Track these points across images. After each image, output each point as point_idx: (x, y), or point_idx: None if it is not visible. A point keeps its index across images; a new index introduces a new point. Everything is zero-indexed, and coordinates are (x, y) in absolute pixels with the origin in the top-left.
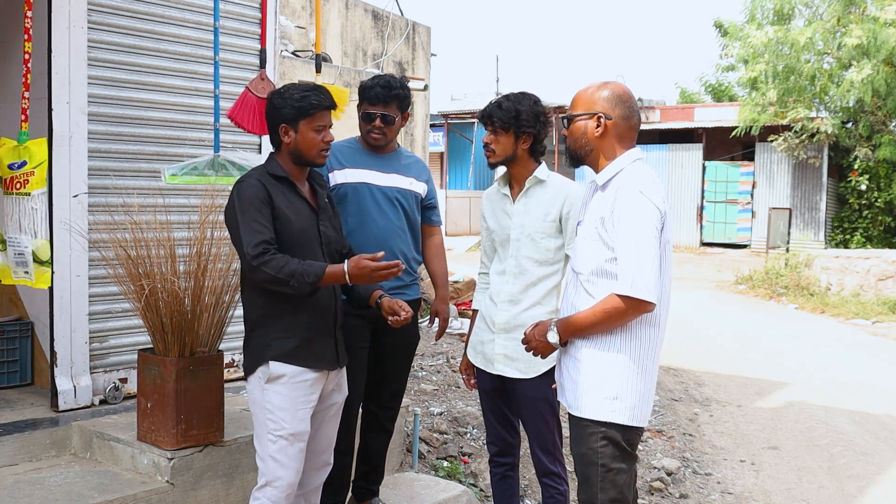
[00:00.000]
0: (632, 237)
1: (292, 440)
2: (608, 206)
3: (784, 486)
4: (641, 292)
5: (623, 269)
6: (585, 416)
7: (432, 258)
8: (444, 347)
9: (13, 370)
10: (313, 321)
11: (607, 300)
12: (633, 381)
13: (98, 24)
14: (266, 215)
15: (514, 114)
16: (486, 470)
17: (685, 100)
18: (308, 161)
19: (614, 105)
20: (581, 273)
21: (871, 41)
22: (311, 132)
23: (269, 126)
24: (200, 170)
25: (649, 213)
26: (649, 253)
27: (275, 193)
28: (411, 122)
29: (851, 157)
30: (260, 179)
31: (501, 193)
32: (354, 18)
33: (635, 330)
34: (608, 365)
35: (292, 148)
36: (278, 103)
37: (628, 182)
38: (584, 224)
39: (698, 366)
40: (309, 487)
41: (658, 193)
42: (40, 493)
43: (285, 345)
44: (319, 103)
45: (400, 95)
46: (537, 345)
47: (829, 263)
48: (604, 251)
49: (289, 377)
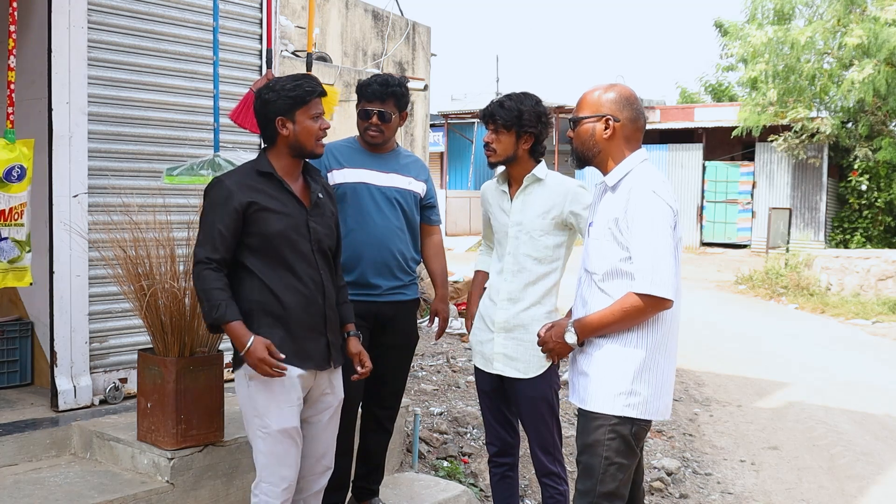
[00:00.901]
0: (648, 236)
1: (280, 437)
2: (621, 206)
3: (784, 486)
4: (660, 290)
5: (640, 268)
6: (597, 410)
7: (432, 258)
8: (444, 347)
9: (13, 370)
10: (301, 320)
11: (625, 299)
12: (647, 376)
13: (98, 24)
14: (226, 222)
15: (516, 113)
16: (486, 470)
17: (685, 100)
18: (308, 152)
19: (622, 107)
20: (595, 273)
21: (872, 41)
22: (308, 121)
23: (262, 122)
24: (196, 170)
25: (663, 212)
26: (665, 251)
27: (256, 193)
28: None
29: (851, 157)
30: (236, 181)
31: (500, 190)
32: (354, 18)
33: (651, 326)
34: (623, 360)
35: (291, 141)
36: (271, 97)
37: (640, 183)
38: (595, 225)
39: (698, 366)
40: (310, 492)
41: (669, 193)
42: (40, 493)
43: (270, 340)
44: (313, 90)
45: (397, 93)
46: (554, 346)
47: (829, 263)
48: (618, 251)
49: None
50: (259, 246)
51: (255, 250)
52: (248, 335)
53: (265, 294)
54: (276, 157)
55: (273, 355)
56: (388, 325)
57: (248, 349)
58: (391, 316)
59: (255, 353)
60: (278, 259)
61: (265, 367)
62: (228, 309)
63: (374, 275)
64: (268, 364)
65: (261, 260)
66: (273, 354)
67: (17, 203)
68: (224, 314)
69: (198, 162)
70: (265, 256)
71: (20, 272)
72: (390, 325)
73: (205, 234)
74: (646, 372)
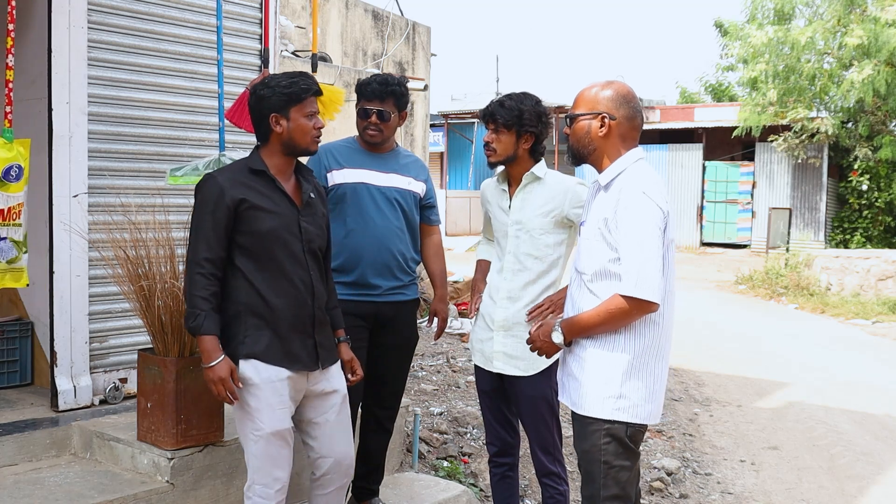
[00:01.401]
0: (635, 238)
1: (272, 439)
2: (611, 206)
3: (784, 486)
4: (645, 293)
5: (627, 270)
6: (589, 415)
7: (431, 258)
8: (444, 347)
9: (13, 370)
10: (289, 321)
11: (611, 301)
12: (636, 380)
13: (98, 24)
14: (219, 219)
15: (517, 113)
16: (486, 470)
17: (685, 100)
18: (302, 150)
19: (618, 105)
20: (584, 273)
21: (872, 41)
22: (302, 119)
23: (256, 119)
24: (202, 170)
25: (652, 213)
26: (653, 253)
27: (247, 190)
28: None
29: (851, 157)
30: (227, 178)
31: (500, 189)
32: (354, 18)
33: (638, 329)
34: (611, 364)
35: (285, 138)
36: (266, 93)
37: (631, 183)
38: (587, 224)
39: (698, 366)
40: (330, 488)
41: (660, 194)
42: (40, 493)
43: (259, 343)
44: (309, 88)
45: (396, 92)
46: (542, 344)
47: (829, 263)
48: (607, 251)
49: (261, 376)
50: (249, 245)
51: (244, 249)
52: (218, 352)
53: (253, 296)
54: (268, 155)
55: (234, 382)
56: (388, 326)
57: (213, 366)
58: (391, 316)
59: (218, 373)
60: (268, 258)
61: (221, 389)
62: (206, 321)
63: (374, 275)
64: (226, 388)
65: (250, 259)
66: (234, 381)
67: (15, 203)
68: (201, 325)
69: (203, 162)
70: (255, 256)
71: (17, 273)
72: (390, 326)
73: (198, 232)
74: (635, 375)
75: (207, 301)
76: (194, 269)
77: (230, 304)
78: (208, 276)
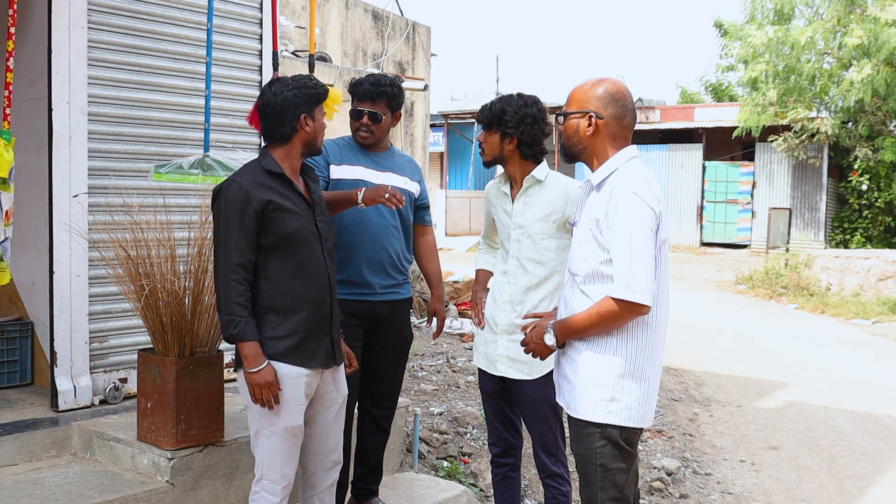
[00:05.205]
0: (626, 239)
1: (285, 435)
2: (602, 207)
3: (784, 486)
4: (636, 295)
5: (618, 272)
6: (583, 418)
7: (426, 258)
8: (444, 347)
9: (13, 370)
10: (311, 320)
11: (602, 303)
12: (629, 383)
13: (98, 24)
14: (248, 223)
15: (498, 113)
16: (486, 470)
17: (685, 100)
18: (318, 149)
19: (606, 104)
20: (577, 274)
21: (872, 41)
22: (322, 118)
23: (278, 119)
24: (186, 169)
25: (643, 214)
26: (644, 255)
27: (270, 193)
28: (411, 122)
29: (851, 157)
30: (250, 180)
31: (502, 192)
32: (354, 18)
33: (631, 331)
34: (603, 367)
35: (311, 138)
36: (294, 94)
37: (622, 183)
38: (579, 225)
39: (698, 366)
40: (321, 488)
41: (652, 193)
42: (40, 493)
43: (281, 344)
44: (326, 88)
45: (388, 93)
46: (535, 346)
47: (829, 263)
48: (599, 253)
49: (283, 376)
50: (274, 246)
51: (268, 250)
52: (261, 358)
53: (275, 297)
54: (284, 155)
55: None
56: (383, 325)
57: (259, 371)
58: (386, 315)
59: (265, 377)
60: (293, 259)
61: (266, 393)
62: (247, 327)
63: (368, 272)
64: (271, 392)
65: (274, 261)
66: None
67: (11, 204)
68: (242, 331)
69: (187, 161)
70: (278, 256)
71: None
72: (385, 324)
73: (227, 238)
74: (628, 378)
75: (244, 307)
76: (229, 275)
77: (253, 305)
78: (242, 282)
